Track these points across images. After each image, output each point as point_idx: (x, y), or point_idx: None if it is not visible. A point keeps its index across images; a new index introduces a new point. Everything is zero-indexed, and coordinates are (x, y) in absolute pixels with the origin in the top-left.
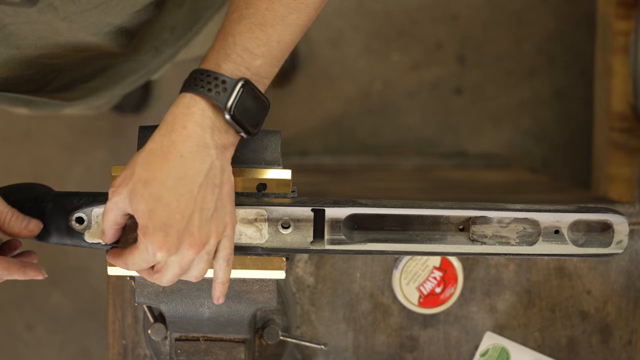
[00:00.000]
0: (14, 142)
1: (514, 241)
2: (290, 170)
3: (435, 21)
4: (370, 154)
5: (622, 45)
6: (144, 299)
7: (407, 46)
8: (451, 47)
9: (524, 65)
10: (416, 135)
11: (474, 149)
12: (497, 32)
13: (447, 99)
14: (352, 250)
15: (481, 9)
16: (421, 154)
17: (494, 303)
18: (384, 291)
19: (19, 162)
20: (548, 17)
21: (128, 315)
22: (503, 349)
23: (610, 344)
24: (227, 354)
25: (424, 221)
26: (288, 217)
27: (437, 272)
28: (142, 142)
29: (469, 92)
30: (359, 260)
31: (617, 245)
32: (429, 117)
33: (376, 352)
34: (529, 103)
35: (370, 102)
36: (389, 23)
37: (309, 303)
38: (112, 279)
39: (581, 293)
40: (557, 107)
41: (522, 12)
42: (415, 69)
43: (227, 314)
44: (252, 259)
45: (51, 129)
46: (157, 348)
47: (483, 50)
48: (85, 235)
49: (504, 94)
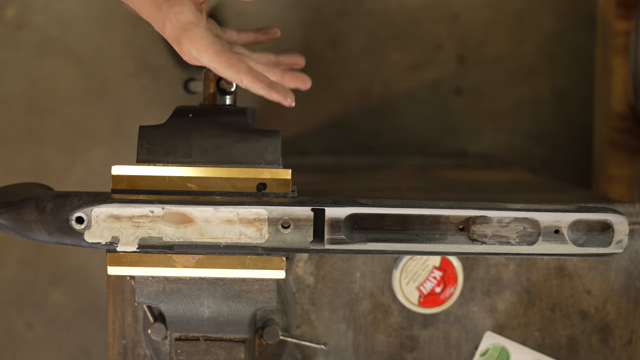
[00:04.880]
0: (14, 142)
1: (514, 241)
2: (290, 170)
3: (436, 21)
4: (370, 154)
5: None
6: (144, 299)
7: (407, 46)
8: (451, 47)
9: (524, 65)
10: (416, 135)
11: (473, 148)
12: (497, 32)
13: (446, 99)
14: (352, 250)
15: (481, 9)
16: (421, 154)
17: (494, 303)
18: (384, 291)
19: (19, 162)
20: (548, 17)
21: (128, 315)
22: (503, 348)
23: (610, 343)
24: (227, 353)
25: (424, 221)
26: (288, 217)
27: (437, 272)
28: (142, 142)
29: (469, 92)
30: (359, 260)
31: (617, 245)
32: (428, 117)
33: (376, 351)
34: (529, 103)
35: (370, 102)
36: (389, 23)
37: (309, 303)
38: (112, 279)
39: (581, 293)
40: (557, 107)
41: (522, 12)
42: (415, 69)
43: (227, 314)
44: (252, 259)
45: (51, 129)
46: (157, 348)
47: (483, 50)
48: (85, 235)
49: (503, 94)
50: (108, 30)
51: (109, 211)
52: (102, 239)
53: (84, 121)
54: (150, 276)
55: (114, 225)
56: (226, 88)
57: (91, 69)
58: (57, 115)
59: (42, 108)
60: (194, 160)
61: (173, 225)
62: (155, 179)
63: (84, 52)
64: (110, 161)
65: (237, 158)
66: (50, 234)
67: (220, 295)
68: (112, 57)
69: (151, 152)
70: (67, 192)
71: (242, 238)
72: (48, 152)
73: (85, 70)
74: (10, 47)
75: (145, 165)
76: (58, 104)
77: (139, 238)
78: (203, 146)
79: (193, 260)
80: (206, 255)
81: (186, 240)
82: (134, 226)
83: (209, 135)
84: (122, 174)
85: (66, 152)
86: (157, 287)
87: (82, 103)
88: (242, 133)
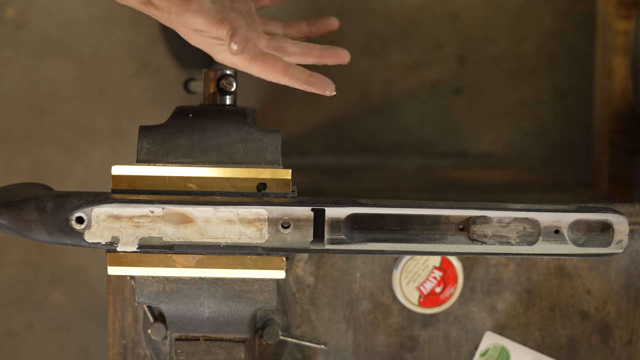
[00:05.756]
0: (14, 142)
1: (514, 241)
2: (290, 170)
3: (436, 21)
4: (370, 154)
5: (622, 45)
6: (144, 299)
7: (407, 46)
8: (451, 47)
9: (524, 64)
10: (416, 135)
11: (473, 148)
12: (497, 32)
13: (446, 99)
14: (352, 250)
15: (481, 8)
16: (421, 153)
17: (494, 303)
18: (384, 291)
19: (19, 162)
20: (548, 17)
21: (128, 315)
22: (503, 348)
23: (610, 343)
24: (227, 353)
25: (424, 221)
26: (288, 217)
27: (437, 272)
28: (142, 142)
29: (469, 92)
30: (359, 260)
31: (617, 245)
32: (428, 117)
33: (376, 351)
34: (529, 103)
35: (370, 102)
36: (389, 22)
37: (309, 303)
38: (112, 279)
39: (581, 293)
40: (557, 107)
41: (522, 11)
42: (415, 68)
43: (227, 314)
44: (252, 259)
45: (51, 129)
46: (157, 348)
47: (483, 50)
48: (85, 235)
49: (503, 93)
50: (108, 30)
51: (109, 211)
52: (102, 239)
53: (84, 121)
54: (150, 276)
55: (114, 225)
56: (226, 88)
57: (91, 69)
58: (57, 115)
59: (42, 108)
60: (194, 160)
61: (173, 225)
62: (155, 179)
63: (84, 52)
64: (110, 161)
65: (237, 158)
66: (50, 234)
67: (220, 295)
68: (112, 57)
69: (151, 152)
70: (67, 192)
71: (242, 238)
72: (48, 152)
73: (85, 70)
74: (10, 47)
75: (145, 165)
76: (58, 104)
77: (139, 238)
78: (203, 146)
79: (193, 260)
80: (206, 255)
81: (186, 240)
82: (134, 226)
83: (209, 135)
84: (122, 174)
85: (66, 152)
86: (157, 287)
87: (82, 103)
88: (242, 133)
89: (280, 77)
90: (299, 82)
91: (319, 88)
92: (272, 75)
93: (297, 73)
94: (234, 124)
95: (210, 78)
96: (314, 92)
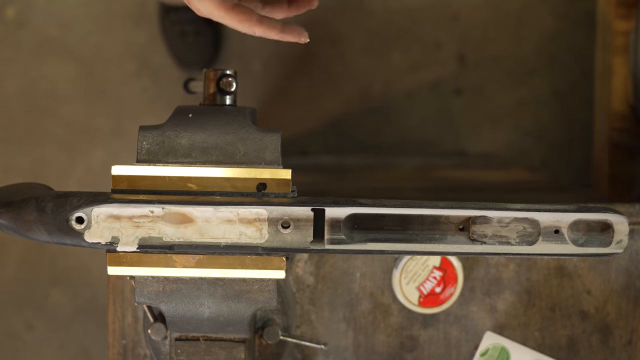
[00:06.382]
0: (14, 142)
1: (514, 241)
2: (290, 170)
3: (436, 21)
4: (370, 154)
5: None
6: (144, 299)
7: (408, 46)
8: (451, 48)
9: (524, 65)
10: (416, 135)
11: (473, 148)
12: (497, 32)
13: (446, 99)
14: (352, 250)
15: (481, 9)
16: (421, 153)
17: (494, 303)
18: (384, 291)
19: (19, 162)
20: (548, 17)
21: (128, 315)
22: (503, 348)
23: (610, 343)
24: (227, 353)
25: (424, 221)
26: (288, 217)
27: (437, 272)
28: (142, 142)
29: (469, 92)
30: (359, 260)
31: (617, 245)
32: (428, 117)
33: (376, 351)
34: (529, 103)
35: (371, 102)
36: (389, 23)
37: (309, 303)
38: (112, 279)
39: (581, 293)
40: (557, 107)
41: (522, 12)
42: (415, 69)
43: (227, 314)
44: (252, 259)
45: (51, 129)
46: (157, 348)
47: (483, 50)
48: (85, 235)
49: (503, 94)
50: (108, 30)
51: (109, 211)
52: (102, 239)
53: (84, 121)
54: (150, 276)
55: (114, 225)
56: (226, 88)
57: (91, 69)
58: (57, 115)
59: (42, 108)
60: (194, 160)
61: (173, 225)
62: (155, 179)
63: (84, 52)
64: (110, 161)
65: (237, 158)
66: (50, 234)
67: (220, 295)
68: (112, 57)
69: (151, 152)
70: (67, 192)
71: (242, 238)
72: (48, 152)
73: (85, 70)
74: (10, 47)
75: (145, 165)
76: (58, 104)
77: (139, 238)
78: (203, 146)
79: (193, 260)
80: (206, 255)
81: (186, 240)
82: (134, 226)
83: (209, 136)
84: (122, 174)
85: (66, 152)
86: (157, 287)
87: (82, 103)
88: (242, 133)
89: (256, 27)
90: (275, 32)
91: (295, 36)
92: (248, 25)
93: (272, 22)
94: (233, 124)
95: (210, 78)
96: (289, 40)
